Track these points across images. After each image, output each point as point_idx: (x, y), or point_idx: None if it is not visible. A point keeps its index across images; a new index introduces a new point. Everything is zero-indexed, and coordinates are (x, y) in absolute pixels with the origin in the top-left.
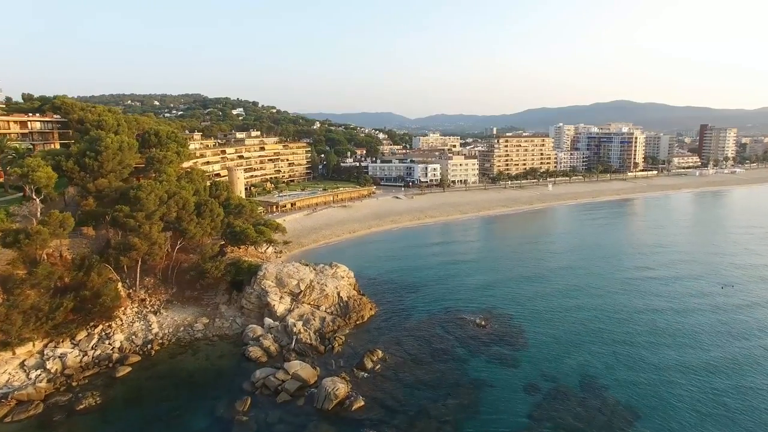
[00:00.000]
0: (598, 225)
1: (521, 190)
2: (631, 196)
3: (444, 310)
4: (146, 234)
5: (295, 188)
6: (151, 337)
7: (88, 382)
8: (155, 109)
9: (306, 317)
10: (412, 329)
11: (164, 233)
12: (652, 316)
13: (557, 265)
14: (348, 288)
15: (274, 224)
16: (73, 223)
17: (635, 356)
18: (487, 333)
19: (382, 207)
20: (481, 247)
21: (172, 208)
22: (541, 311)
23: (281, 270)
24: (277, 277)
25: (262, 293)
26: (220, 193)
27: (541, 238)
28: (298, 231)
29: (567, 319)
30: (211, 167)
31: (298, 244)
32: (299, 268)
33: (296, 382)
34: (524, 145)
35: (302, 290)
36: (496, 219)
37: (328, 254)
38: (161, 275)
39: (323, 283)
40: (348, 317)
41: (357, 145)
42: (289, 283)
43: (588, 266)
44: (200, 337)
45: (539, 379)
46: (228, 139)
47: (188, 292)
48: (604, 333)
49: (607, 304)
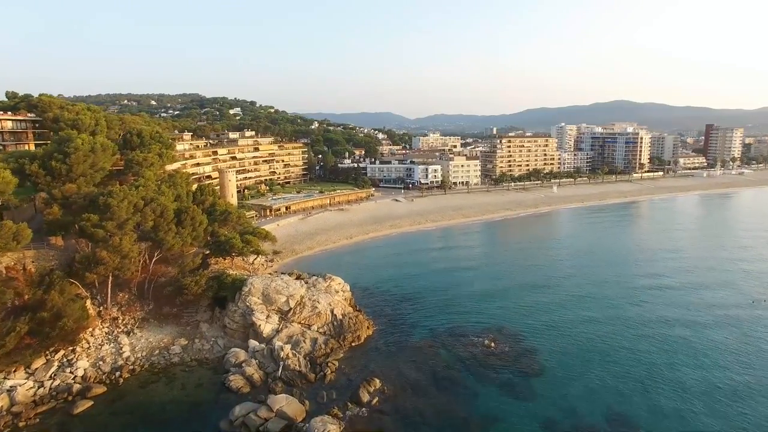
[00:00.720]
0: (608, 229)
1: (525, 192)
2: (639, 198)
3: (448, 327)
4: (116, 246)
5: (291, 190)
6: (121, 362)
7: (40, 422)
8: (152, 109)
9: (295, 339)
10: (414, 352)
11: (139, 244)
12: (673, 332)
13: (568, 273)
14: (343, 304)
15: (262, 233)
16: (29, 234)
17: (662, 380)
18: (497, 355)
19: (381, 210)
20: (485, 254)
21: (149, 216)
22: (554, 327)
23: (269, 285)
24: (264, 293)
25: (246, 311)
26: (206, 198)
27: (549, 243)
28: (292, 237)
29: (583, 336)
30: (201, 169)
31: (292, 251)
32: (289, 282)
33: (281, 420)
34: (527, 145)
35: (292, 308)
36: (501, 223)
37: (323, 262)
38: (137, 290)
39: (315, 300)
40: (342, 338)
41: (356, 146)
42: (277, 299)
43: (600, 274)
44: (177, 361)
45: (557, 413)
46: (220, 139)
47: (167, 309)
48: (624, 353)
49: (625, 318)
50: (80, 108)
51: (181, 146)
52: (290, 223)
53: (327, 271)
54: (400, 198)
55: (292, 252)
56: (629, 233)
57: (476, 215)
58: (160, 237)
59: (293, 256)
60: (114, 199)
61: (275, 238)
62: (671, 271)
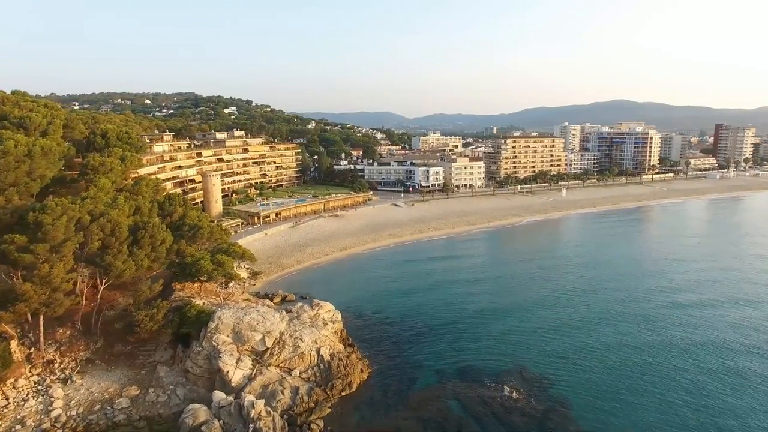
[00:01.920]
0: (626, 238)
1: (532, 196)
2: (653, 202)
3: (459, 368)
4: (44, 276)
5: (282, 194)
6: (47, 424)
7: None
8: (146, 108)
9: (272, 389)
10: (418, 404)
11: (81, 270)
12: (738, 362)
13: (592, 291)
14: (332, 340)
15: (238, 251)
16: None
17: None
18: (521, 409)
19: (379, 216)
20: (496, 270)
21: (95, 235)
22: (587, 367)
23: (241, 319)
24: (235, 330)
25: (212, 353)
26: (174, 209)
27: (565, 255)
28: (280, 248)
29: (625, 376)
30: (183, 172)
31: (279, 266)
32: (266, 314)
33: None
34: (533, 145)
35: (269, 347)
36: (509, 231)
37: (312, 280)
38: (82, 324)
39: (298, 337)
40: (330, 386)
41: (353, 146)
42: (251, 337)
43: (629, 292)
44: (122, 420)
45: None
46: (207, 140)
47: (119, 347)
48: (684, 403)
49: (670, 346)
50: (35, 104)
51: (160, 147)
52: (279, 232)
53: (317, 290)
54: (400, 202)
55: (279, 267)
56: (651, 242)
57: (482, 222)
58: (106, 261)
59: (280, 272)
60: (48, 216)
61: (254, 257)
62: (708, 286)
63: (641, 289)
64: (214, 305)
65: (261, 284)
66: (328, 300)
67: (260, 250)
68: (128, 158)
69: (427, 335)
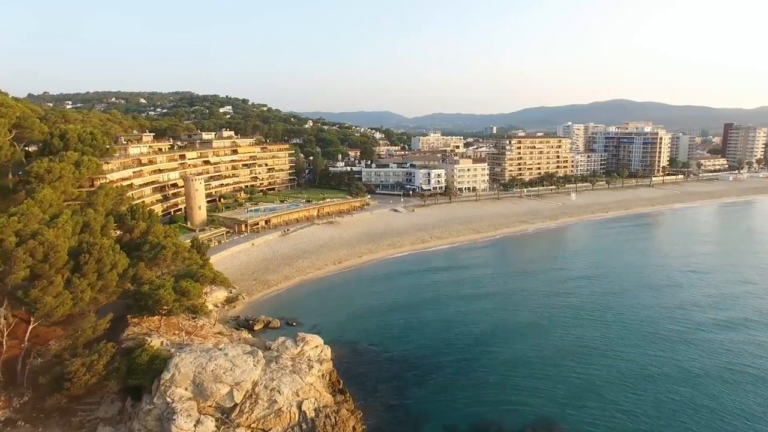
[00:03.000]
0: (647, 247)
1: (540, 199)
2: (667, 206)
3: (473, 424)
4: None
5: (274, 199)
6: None
7: None
8: (140, 108)
9: None
10: None
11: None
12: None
13: (620, 312)
14: (318, 389)
15: (208, 276)
16: None
17: None
18: None
19: (378, 223)
20: (509, 288)
21: (21, 261)
22: (629, 407)
23: (204, 366)
24: (196, 381)
25: (166, 412)
26: (136, 224)
27: (585, 268)
28: (267, 261)
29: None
30: (165, 176)
31: (264, 283)
32: (236, 359)
33: None
34: (539, 146)
35: (238, 403)
36: (519, 240)
37: (300, 301)
38: (4, 373)
39: (275, 388)
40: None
41: (351, 146)
42: (216, 391)
43: (661, 309)
44: None
45: None
46: (192, 140)
47: (52, 400)
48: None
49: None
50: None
51: (137, 149)
52: (268, 242)
53: (306, 313)
54: (400, 207)
55: (264, 285)
56: (672, 252)
57: (489, 230)
58: (32, 297)
59: (265, 290)
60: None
61: (227, 281)
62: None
63: (673, 306)
64: (174, 345)
65: (243, 306)
66: (318, 326)
67: (245, 264)
68: (84, 163)
69: (433, 374)
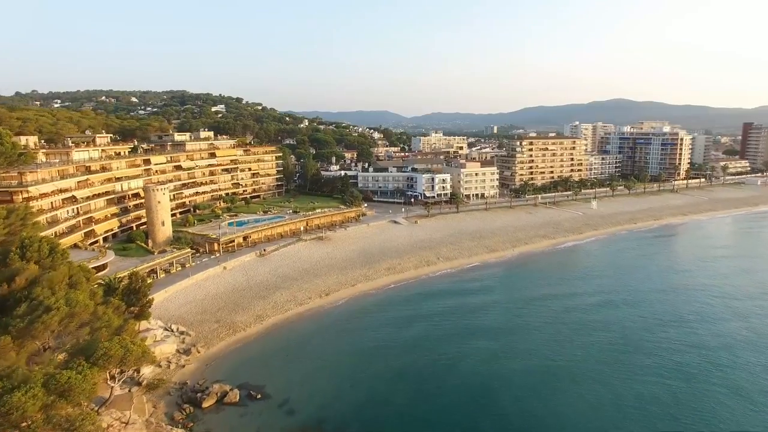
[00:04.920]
0: (697, 270)
1: (557, 208)
2: (701, 216)
3: None
4: None
5: (257, 209)
6: None
7: None
8: (130, 107)
9: None
10: None
11: None
12: None
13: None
14: None
15: (115, 356)
16: None
17: None
18: None
19: (375, 239)
20: (544, 337)
21: None
22: None
23: None
24: None
25: None
26: (22, 267)
27: (634, 303)
28: (239, 292)
29: None
30: (126, 185)
31: (229, 326)
32: None
33: None
34: (552, 148)
35: None
36: (541, 261)
37: (273, 355)
38: None
39: None
40: None
41: (348, 147)
42: None
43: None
44: None
45: None
46: (163, 142)
47: None
48: None
49: None
50: None
51: (83, 154)
52: (243, 265)
53: (277, 378)
54: (400, 219)
55: (229, 329)
56: (731, 278)
57: (504, 247)
58: None
59: (230, 336)
60: None
61: (155, 358)
62: None
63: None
64: None
65: (196, 363)
66: (290, 403)
67: (210, 297)
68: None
69: None
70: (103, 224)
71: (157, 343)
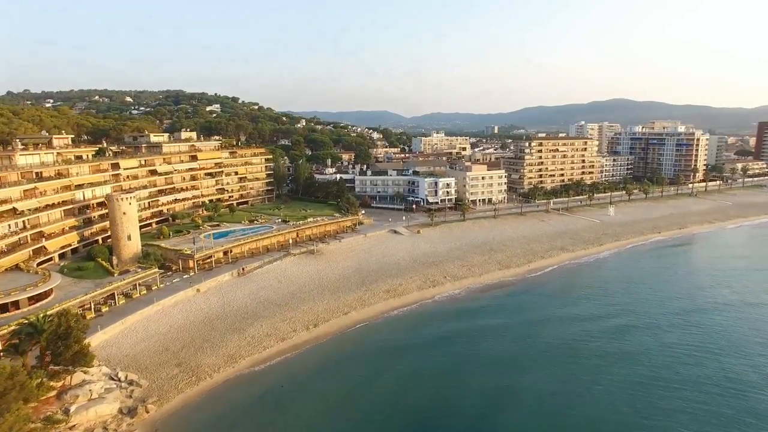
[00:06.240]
0: (746, 292)
1: (571, 215)
2: (729, 223)
3: None
4: None
5: (242, 217)
6: None
7: None
8: (124, 107)
9: None
10: None
11: None
12: None
13: None
14: None
15: None
16: None
17: None
18: None
19: (373, 253)
20: (591, 391)
21: None
22: None
23: None
24: None
25: None
26: None
27: (681, 343)
28: (211, 322)
29: None
30: (89, 192)
31: (192, 372)
32: None
33: None
34: (562, 149)
35: None
36: (563, 280)
37: (243, 414)
38: None
39: None
40: None
41: (346, 148)
42: None
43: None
44: None
45: None
46: (138, 144)
47: None
48: None
49: None
50: None
51: (33, 158)
52: (220, 286)
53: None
54: (401, 228)
55: (192, 375)
56: None
57: (519, 262)
58: None
59: (190, 387)
60: None
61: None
62: None
63: None
64: None
65: (143, 428)
66: None
67: (175, 330)
68: None
69: None
70: (57, 239)
71: (92, 402)
